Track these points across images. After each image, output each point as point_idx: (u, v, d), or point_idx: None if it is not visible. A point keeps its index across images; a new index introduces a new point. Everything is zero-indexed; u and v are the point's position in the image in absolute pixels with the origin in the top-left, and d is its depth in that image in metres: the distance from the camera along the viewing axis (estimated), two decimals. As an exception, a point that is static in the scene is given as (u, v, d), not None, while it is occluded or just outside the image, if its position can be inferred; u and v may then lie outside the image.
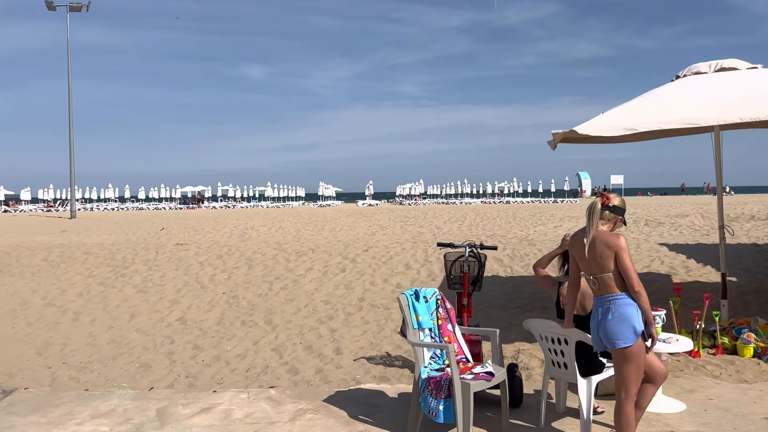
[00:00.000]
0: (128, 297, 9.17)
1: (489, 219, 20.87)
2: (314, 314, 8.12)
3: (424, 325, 4.49)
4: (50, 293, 9.53)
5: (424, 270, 10.25)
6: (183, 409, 4.98)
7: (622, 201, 3.87)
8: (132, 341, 7.19)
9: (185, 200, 56.95)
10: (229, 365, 6.26)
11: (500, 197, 56.55)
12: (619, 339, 3.58)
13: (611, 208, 3.79)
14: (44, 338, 7.45)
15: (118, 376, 6.02)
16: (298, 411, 4.87)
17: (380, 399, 5.11)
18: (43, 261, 12.00)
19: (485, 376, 4.13)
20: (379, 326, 7.54)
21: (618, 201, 3.84)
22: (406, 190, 59.46)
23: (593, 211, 3.77)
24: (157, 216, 30.48)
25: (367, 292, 9.07)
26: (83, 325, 7.93)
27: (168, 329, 7.66)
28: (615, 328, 3.59)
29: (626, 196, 49.74)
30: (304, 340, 7.06)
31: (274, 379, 5.87)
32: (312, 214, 26.99)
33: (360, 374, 5.92)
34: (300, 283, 9.67)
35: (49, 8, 28.40)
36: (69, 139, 29.31)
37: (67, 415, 4.90)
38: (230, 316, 8.13)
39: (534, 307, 8.07)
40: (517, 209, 28.67)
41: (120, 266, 11.18)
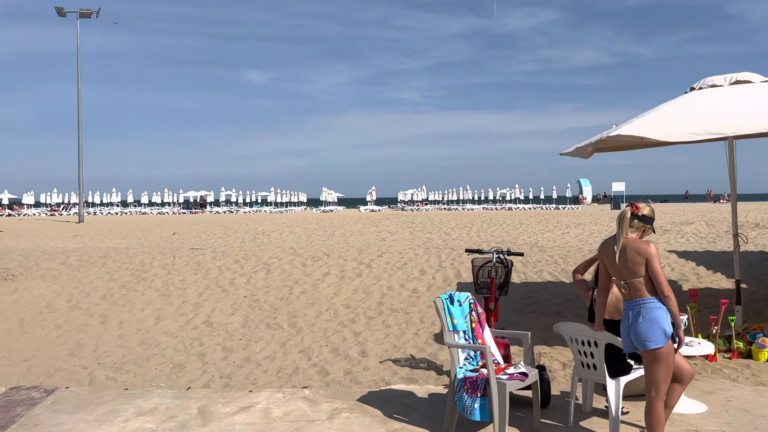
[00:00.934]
0: (152, 300, 9.37)
1: (496, 225, 21.09)
2: (336, 318, 8.33)
3: (459, 328, 4.70)
4: (74, 296, 9.73)
5: (439, 275, 10.47)
6: (223, 408, 5.19)
7: (651, 210, 4.10)
8: (162, 343, 7.40)
9: (188, 205, 57.19)
10: (260, 366, 6.46)
11: (502, 203, 56.86)
12: (649, 341, 3.79)
13: (640, 217, 4.01)
14: (75, 340, 7.65)
15: (154, 376, 6.23)
16: (334, 410, 5.08)
17: (412, 399, 5.31)
18: (62, 264, 12.20)
19: (519, 377, 4.34)
20: (400, 330, 7.75)
21: (647, 210, 4.07)
22: (408, 196, 59.79)
23: (623, 220, 3.99)
24: (163, 220, 30.69)
25: (386, 297, 9.27)
26: (111, 328, 8.14)
27: (195, 332, 7.87)
28: (646, 330, 3.80)
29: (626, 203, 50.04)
30: (330, 343, 7.27)
31: (305, 379, 6.07)
32: (319, 220, 27.21)
33: (388, 375, 6.12)
34: (319, 287, 9.88)
35: (60, 14, 28.70)
36: (78, 144, 29.57)
37: (112, 413, 5.10)
38: (254, 319, 8.34)
39: (549, 312, 8.28)
40: (522, 216, 28.88)
41: (139, 270, 11.38)
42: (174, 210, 52.36)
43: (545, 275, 10.43)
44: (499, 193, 58.14)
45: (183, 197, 56.92)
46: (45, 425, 4.85)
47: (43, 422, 4.92)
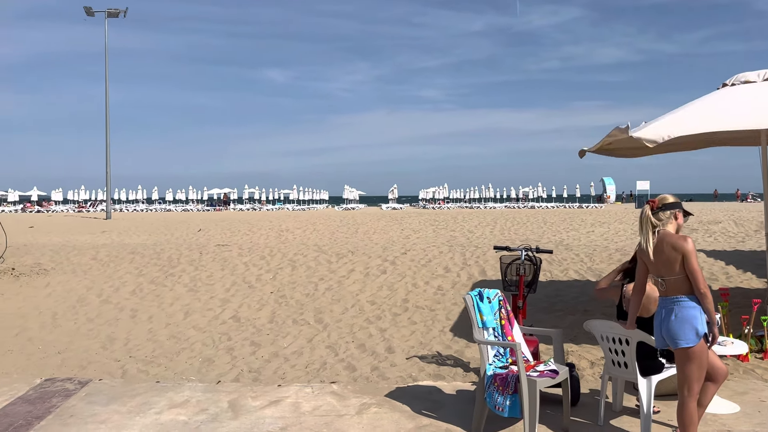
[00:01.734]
0: (180, 295, 9.50)
1: (520, 224, 20.98)
2: (362, 314, 8.37)
3: (488, 325, 4.70)
4: (105, 291, 9.90)
5: (463, 273, 10.45)
6: (253, 402, 5.25)
7: (671, 197, 4.02)
8: (191, 337, 7.50)
9: (212, 202, 57.80)
10: (288, 361, 6.53)
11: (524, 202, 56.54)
12: (680, 339, 3.76)
13: (661, 208, 3.95)
14: (107, 333, 7.79)
15: (184, 369, 6.32)
16: (362, 405, 5.11)
17: (440, 395, 5.33)
18: (92, 260, 12.42)
19: (550, 374, 4.33)
20: (426, 327, 7.77)
21: (670, 199, 3.99)
22: (429, 194, 59.74)
23: (643, 218, 3.95)
24: (188, 218, 31.05)
25: (411, 294, 9.29)
26: (141, 322, 8.27)
27: (223, 327, 7.97)
28: (677, 328, 3.77)
29: (653, 201, 49.39)
30: (356, 339, 7.31)
31: (333, 375, 6.12)
32: (341, 218, 27.31)
33: (415, 372, 6.14)
34: (344, 284, 9.93)
35: (88, 14, 29.16)
36: (105, 141, 30.03)
37: (145, 405, 5.20)
38: (281, 314, 8.42)
39: (576, 310, 8.22)
40: (546, 214, 28.69)
41: (167, 266, 11.54)
42: (198, 207, 52.94)
43: (571, 273, 10.36)
44: (521, 192, 57.82)
45: (207, 194, 57.56)
46: (80, 416, 4.96)
47: (79, 413, 5.03)
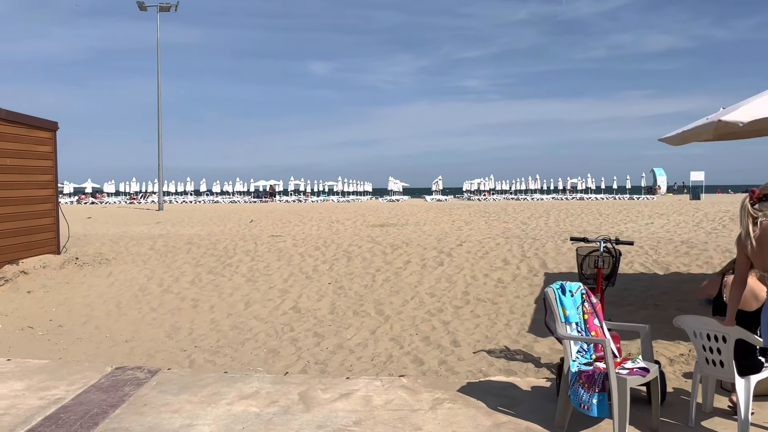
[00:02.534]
0: (239, 286, 9.53)
1: (574, 215, 20.48)
2: (422, 306, 8.23)
3: (571, 320, 4.49)
4: (165, 281, 10.02)
5: (523, 265, 10.20)
6: (323, 394, 5.17)
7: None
8: (254, 328, 7.49)
9: (258, 194, 58.53)
10: (353, 353, 6.44)
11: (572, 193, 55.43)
12: None
13: (762, 198, 3.74)
14: (171, 323, 7.86)
15: (251, 360, 6.30)
16: (435, 400, 4.98)
17: (515, 391, 5.15)
18: (150, 250, 12.61)
19: (640, 372, 4.10)
20: (490, 320, 7.58)
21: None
22: (474, 186, 59.13)
23: (742, 208, 3.74)
24: (238, 209, 31.44)
25: (471, 287, 9.10)
26: (203, 312, 8.32)
27: (284, 317, 7.94)
28: None
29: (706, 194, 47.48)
30: (420, 332, 7.17)
31: (400, 368, 6.00)
32: (389, 209, 27.20)
33: (484, 366, 5.98)
34: (401, 275, 9.80)
35: (141, 8, 29.73)
36: (158, 134, 30.65)
37: (216, 395, 5.17)
38: (341, 306, 8.34)
39: (647, 305, 7.90)
40: (599, 206, 27.99)
41: (224, 256, 11.62)
42: (245, 199, 53.67)
43: (636, 266, 9.99)
44: (569, 183, 56.71)
45: (253, 186, 58.30)
46: (153, 405, 4.97)
47: (152, 402, 5.03)
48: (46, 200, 12.09)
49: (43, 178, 12.01)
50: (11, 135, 11.13)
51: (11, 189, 11.05)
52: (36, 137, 11.83)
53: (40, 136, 11.94)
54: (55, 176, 12.41)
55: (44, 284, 9.80)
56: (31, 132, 11.71)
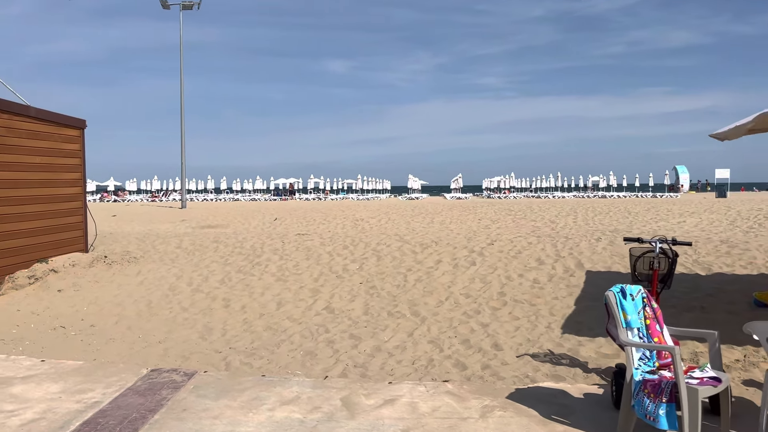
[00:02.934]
0: (269, 285, 9.39)
1: (602, 213, 20.11)
2: (458, 307, 8.02)
3: (633, 325, 4.27)
4: (194, 280, 9.91)
5: (558, 265, 9.94)
6: (366, 400, 4.99)
7: None
8: (288, 329, 7.34)
9: (278, 192, 58.60)
10: (392, 356, 6.25)
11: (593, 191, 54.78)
12: None
13: None
14: (203, 323, 7.73)
15: (288, 362, 6.14)
16: (485, 407, 4.77)
17: (566, 399, 4.93)
18: (177, 248, 12.53)
19: (711, 382, 3.87)
20: (530, 322, 7.35)
21: None
22: (494, 183, 58.66)
23: None
24: (260, 207, 31.42)
25: (506, 287, 8.87)
26: (235, 312, 8.19)
27: (318, 318, 7.78)
28: None
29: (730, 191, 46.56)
30: (458, 334, 6.97)
31: (442, 372, 5.81)
32: (411, 207, 26.99)
33: (530, 372, 5.76)
34: (433, 275, 9.60)
35: (164, 6, 29.79)
36: (180, 132, 30.71)
37: (256, 400, 5.02)
38: (375, 306, 8.16)
39: (692, 307, 7.62)
40: (625, 204, 27.53)
41: (252, 255, 11.50)
42: (265, 197, 53.74)
43: (678, 267, 9.67)
44: (590, 181, 56.05)
45: (273, 184, 58.38)
46: (193, 410, 4.82)
47: (191, 407, 4.89)
48: (74, 198, 12.06)
49: (71, 175, 11.98)
50: (41, 133, 11.10)
51: (41, 187, 11.02)
52: (64, 135, 11.80)
53: (68, 134, 11.91)
54: (83, 174, 12.38)
55: (74, 283, 9.75)
56: (60, 130, 11.68)
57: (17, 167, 10.45)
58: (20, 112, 10.59)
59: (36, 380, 5.63)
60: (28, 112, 10.80)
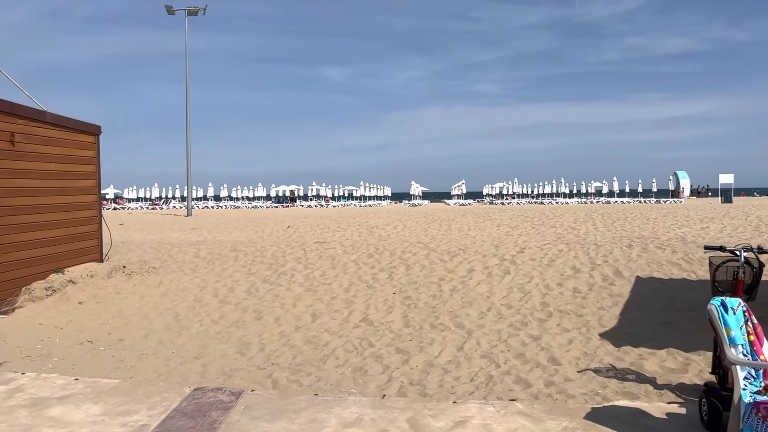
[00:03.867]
0: (300, 296, 9.05)
1: (620, 220, 19.81)
2: (503, 319, 7.69)
3: (736, 341, 3.95)
4: (219, 290, 9.56)
5: (596, 273, 9.62)
6: (435, 422, 4.66)
7: None
8: (329, 342, 7.00)
9: (279, 199, 58.24)
10: (448, 372, 5.91)
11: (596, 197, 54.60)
12: None
13: None
14: (238, 336, 7.39)
15: (338, 380, 5.80)
16: (564, 429, 4.44)
17: (648, 419, 4.60)
18: (195, 257, 12.18)
19: (834, 404, 3.54)
20: (582, 334, 7.02)
21: None
22: (495, 190, 58.42)
23: None
24: (266, 214, 31.05)
25: (547, 297, 8.55)
26: (269, 324, 7.84)
27: (357, 331, 7.44)
28: None
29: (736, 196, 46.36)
30: (510, 348, 6.64)
31: (505, 389, 5.47)
32: (422, 214, 26.67)
33: (598, 388, 5.43)
34: (468, 285, 9.27)
35: (169, 12, 29.50)
36: (186, 140, 30.36)
37: (315, 423, 4.68)
38: (415, 318, 7.83)
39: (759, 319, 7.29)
40: (638, 209, 27.27)
41: (274, 264, 11.16)
42: (266, 204, 53.37)
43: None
44: (593, 186, 55.90)
45: (275, 191, 57.99)
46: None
47: (247, 430, 4.54)
48: (89, 206, 11.71)
49: (86, 183, 11.64)
50: (57, 139, 10.76)
51: (57, 195, 10.67)
52: (80, 141, 11.45)
53: (83, 140, 11.57)
54: (98, 182, 12.03)
55: (95, 294, 9.39)
56: (75, 136, 11.33)
57: (34, 174, 10.10)
58: (37, 118, 10.25)
59: (74, 401, 5.28)
60: (45, 118, 10.47)
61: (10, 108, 9.59)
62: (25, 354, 6.84)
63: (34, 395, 5.47)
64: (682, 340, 6.57)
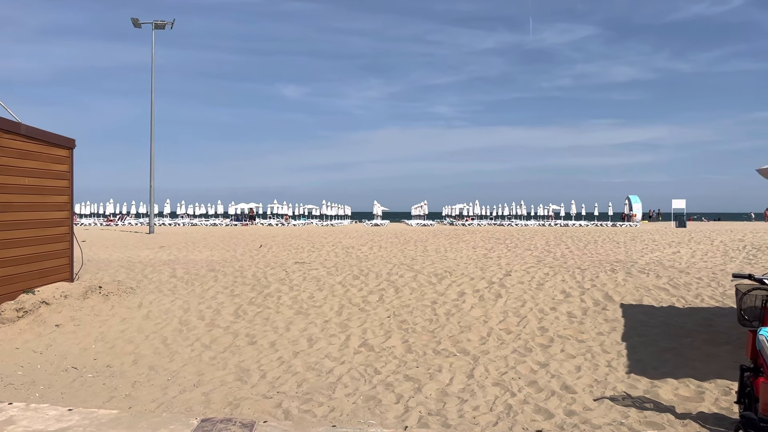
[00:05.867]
0: (291, 319, 8.76)
1: (591, 243, 20.10)
2: (504, 345, 7.59)
3: (785, 373, 3.91)
4: (205, 313, 9.19)
5: (587, 297, 9.65)
6: (467, 455, 4.48)
7: None
8: (333, 369, 6.75)
9: (238, 217, 57.24)
10: (465, 402, 5.75)
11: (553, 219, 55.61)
12: None
13: None
14: (234, 363, 7.06)
15: (353, 410, 5.56)
16: (603, 462, 4.32)
17: (684, 450, 4.53)
18: (171, 277, 11.72)
19: None
20: (588, 360, 6.97)
21: None
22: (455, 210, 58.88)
23: None
24: (230, 232, 30.41)
25: (544, 321, 8.50)
26: (265, 350, 7.53)
27: (359, 357, 7.21)
28: None
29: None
30: (521, 375, 6.52)
31: (528, 420, 5.33)
32: (390, 233, 26.55)
33: (619, 418, 5.35)
34: (462, 308, 9.15)
35: (135, 25, 28.83)
36: (150, 155, 29.53)
37: (342, 457, 4.44)
38: (416, 343, 7.64)
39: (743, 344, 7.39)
40: (605, 233, 27.77)
41: (257, 285, 10.82)
42: (225, 222, 52.38)
43: (706, 299, 9.52)
44: (551, 209, 56.93)
45: (234, 209, 56.99)
46: (275, 471, 4.21)
47: (272, 467, 4.28)
48: (61, 223, 11.16)
49: (59, 199, 11.09)
50: (31, 152, 10.24)
51: (29, 211, 10.13)
52: (53, 155, 10.94)
53: (57, 154, 11.05)
54: (71, 197, 11.49)
55: (72, 317, 8.88)
56: (49, 149, 10.82)
57: (6, 189, 9.56)
58: (10, 129, 9.73)
59: (73, 435, 4.89)
60: (19, 130, 9.95)
61: (-16, 118, 9.09)
62: (7, 382, 6.36)
63: (28, 428, 5.05)
64: (690, 368, 6.57)
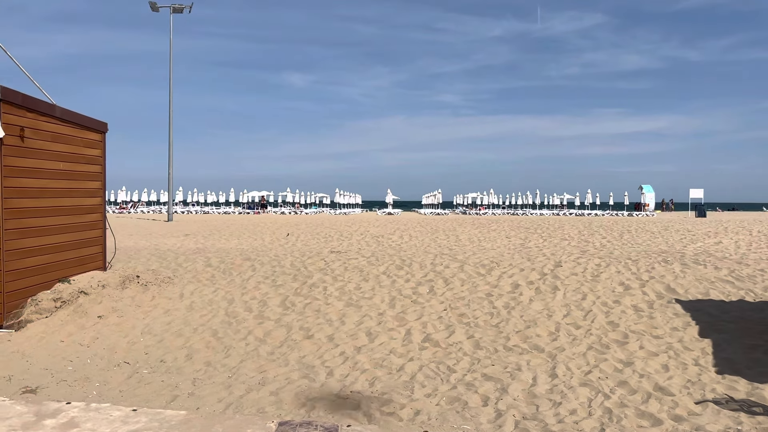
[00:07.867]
0: (344, 311, 8.35)
1: (624, 232, 19.60)
2: (578, 341, 7.15)
3: None
4: (251, 304, 8.79)
5: (648, 290, 9.18)
6: (585, 467, 4.05)
7: None
8: (404, 367, 6.33)
9: (250, 205, 56.89)
10: (558, 405, 5.32)
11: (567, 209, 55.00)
12: None
13: None
14: (295, 358, 6.66)
15: (440, 413, 5.14)
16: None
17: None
18: (207, 267, 11.32)
19: None
20: (672, 359, 6.52)
21: None
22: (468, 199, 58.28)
23: None
24: (249, 220, 30.04)
25: (611, 316, 8.05)
26: (324, 344, 7.13)
27: (427, 353, 6.79)
28: None
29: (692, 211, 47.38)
30: (607, 375, 6.09)
31: (633, 426, 4.90)
32: (412, 222, 26.11)
33: (731, 423, 4.92)
34: (521, 302, 8.71)
35: (153, 9, 28.33)
36: (168, 143, 29.14)
37: (447, 468, 4.03)
38: (484, 339, 7.22)
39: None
40: (631, 223, 27.26)
41: (299, 275, 10.40)
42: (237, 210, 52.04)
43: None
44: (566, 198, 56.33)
45: (247, 197, 56.61)
46: (379, 484, 3.80)
47: (374, 479, 3.87)
48: (95, 210, 10.76)
49: (92, 185, 10.69)
50: (65, 136, 9.82)
51: (63, 197, 9.73)
52: (86, 139, 10.52)
53: (90, 138, 10.63)
54: (104, 183, 11.08)
55: (113, 308, 8.50)
56: (83, 133, 10.40)
57: (42, 174, 9.16)
58: (46, 112, 9.31)
59: (145, 440, 4.49)
60: (54, 112, 9.52)
61: (21, 100, 8.66)
62: (59, 378, 5.98)
63: (93, 431, 4.65)
64: (787, 367, 6.13)
